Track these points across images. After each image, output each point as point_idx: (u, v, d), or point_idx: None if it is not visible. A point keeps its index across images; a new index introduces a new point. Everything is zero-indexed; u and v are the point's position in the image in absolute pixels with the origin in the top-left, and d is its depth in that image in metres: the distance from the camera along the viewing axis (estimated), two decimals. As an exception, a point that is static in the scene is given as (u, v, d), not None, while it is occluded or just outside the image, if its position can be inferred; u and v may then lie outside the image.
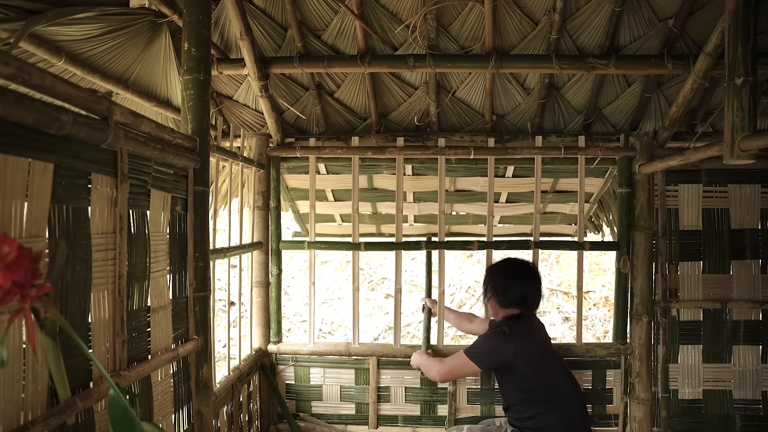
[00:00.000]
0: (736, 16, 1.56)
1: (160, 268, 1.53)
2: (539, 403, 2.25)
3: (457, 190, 3.45)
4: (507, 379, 2.34)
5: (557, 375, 2.31)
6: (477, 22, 2.49)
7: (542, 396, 2.25)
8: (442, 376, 2.47)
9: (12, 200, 0.94)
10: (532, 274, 2.44)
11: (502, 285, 2.40)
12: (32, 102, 0.92)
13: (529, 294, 2.38)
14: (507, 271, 2.44)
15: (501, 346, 2.29)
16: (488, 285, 2.48)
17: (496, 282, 2.43)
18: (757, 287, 2.77)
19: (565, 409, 2.25)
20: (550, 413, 2.23)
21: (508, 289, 2.38)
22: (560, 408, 2.24)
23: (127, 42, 2.14)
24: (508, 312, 2.40)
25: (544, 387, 2.26)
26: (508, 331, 2.29)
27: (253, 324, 2.89)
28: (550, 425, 2.22)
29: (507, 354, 2.27)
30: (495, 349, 2.31)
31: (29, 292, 0.79)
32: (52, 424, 1.01)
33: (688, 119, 2.90)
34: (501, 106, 2.92)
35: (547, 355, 2.35)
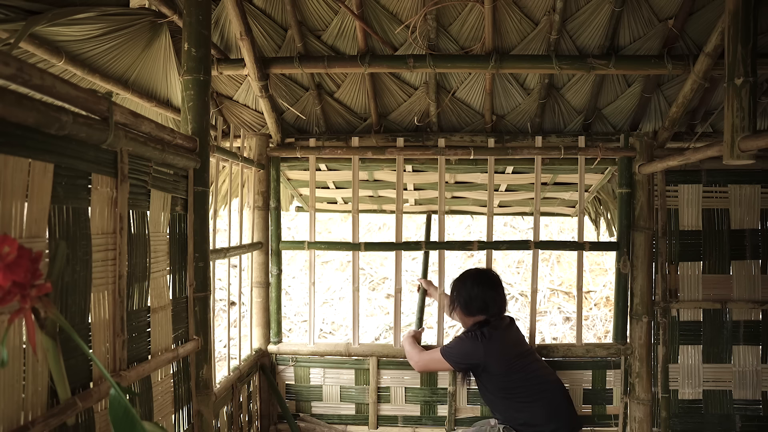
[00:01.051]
0: (736, 17, 1.56)
1: (160, 269, 1.54)
2: (520, 399, 2.32)
3: (457, 181, 3.49)
4: (484, 380, 2.41)
5: (533, 371, 2.37)
6: (477, 22, 2.49)
7: (522, 392, 2.32)
8: (419, 368, 2.61)
9: (12, 200, 0.94)
10: (492, 281, 2.52)
11: (464, 295, 2.49)
12: (32, 102, 0.92)
13: (490, 300, 2.46)
14: (467, 282, 2.52)
15: (472, 350, 2.37)
16: (452, 296, 2.57)
17: (458, 293, 2.52)
18: (757, 287, 2.78)
19: (548, 402, 2.31)
20: (534, 408, 2.29)
21: (470, 299, 2.47)
22: (542, 401, 2.31)
23: (127, 42, 2.14)
24: (475, 320, 2.48)
25: (522, 384, 2.33)
26: (479, 335, 2.37)
27: (253, 324, 2.89)
28: (536, 418, 2.28)
29: (478, 357, 2.35)
30: (466, 352, 2.40)
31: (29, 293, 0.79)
32: (52, 425, 1.01)
33: (688, 119, 2.90)
34: (501, 107, 2.92)
35: (520, 354, 2.41)
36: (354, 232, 2.93)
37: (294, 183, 3.59)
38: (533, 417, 2.29)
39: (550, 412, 2.30)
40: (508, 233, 7.48)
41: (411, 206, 3.94)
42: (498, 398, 2.38)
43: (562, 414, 2.32)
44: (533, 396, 2.32)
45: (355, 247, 2.91)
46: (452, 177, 3.42)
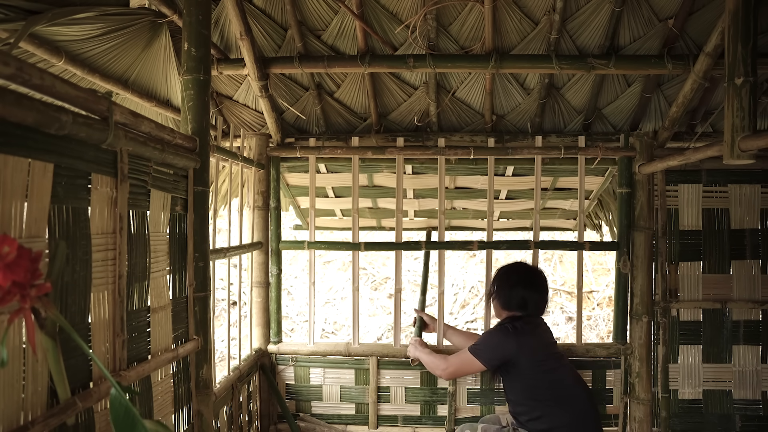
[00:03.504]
0: (736, 16, 1.56)
1: (160, 268, 1.54)
2: (546, 403, 2.22)
3: (457, 187, 3.46)
4: (512, 378, 2.32)
5: (563, 374, 2.29)
6: (477, 22, 2.49)
7: (548, 395, 2.23)
8: (449, 375, 2.45)
9: (12, 200, 0.94)
10: (538, 282, 2.45)
11: (507, 288, 2.43)
12: (32, 102, 0.92)
13: (531, 301, 2.39)
14: (514, 276, 2.46)
15: (504, 342, 2.28)
16: (494, 286, 2.51)
17: (501, 284, 2.47)
18: (757, 287, 2.77)
19: (573, 409, 2.22)
20: (559, 413, 2.20)
21: (512, 294, 2.41)
22: (569, 407, 2.21)
23: (127, 42, 2.14)
24: (510, 314, 2.41)
25: (550, 385, 2.24)
26: (511, 328, 2.29)
27: (253, 324, 2.89)
28: (559, 425, 2.19)
29: (510, 349, 2.26)
30: (498, 344, 2.30)
31: (29, 292, 0.79)
32: (52, 425, 1.01)
33: (688, 119, 2.90)
34: (501, 106, 2.92)
35: (551, 354, 2.33)
36: (354, 232, 2.93)
37: (293, 190, 3.54)
38: (557, 421, 2.19)
39: (576, 419, 2.20)
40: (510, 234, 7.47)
41: (411, 221, 3.86)
42: (524, 398, 2.28)
43: (588, 422, 2.23)
44: (560, 400, 2.22)
45: (355, 247, 2.91)
46: (452, 181, 3.38)
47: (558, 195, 3.48)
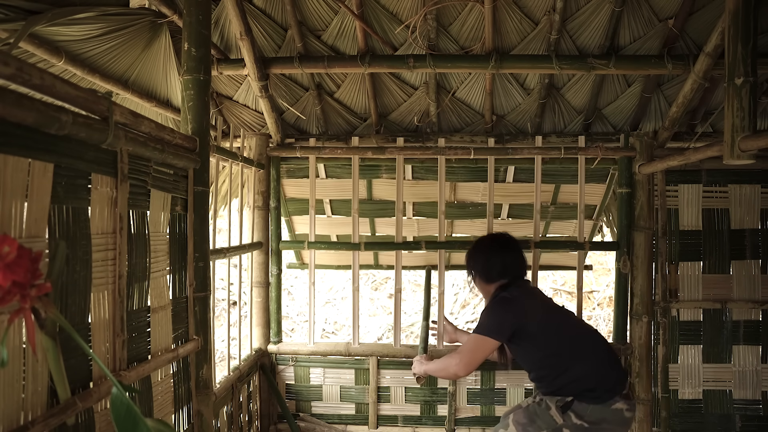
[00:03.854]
0: (736, 17, 1.56)
1: (160, 268, 1.54)
2: (564, 357, 2.14)
3: (457, 200, 3.32)
4: (524, 345, 2.21)
5: (571, 326, 2.25)
6: (477, 22, 2.49)
7: (562, 350, 2.16)
8: (466, 367, 2.16)
9: (12, 200, 0.94)
10: (510, 244, 2.41)
11: (482, 261, 2.37)
12: (32, 102, 0.92)
13: (510, 264, 2.34)
14: (484, 248, 2.41)
15: (508, 310, 2.20)
16: (471, 267, 2.44)
17: (476, 260, 2.40)
18: (757, 287, 2.77)
19: (592, 356, 2.15)
20: (579, 364, 2.12)
21: (490, 264, 2.34)
22: (586, 355, 2.14)
23: (127, 42, 2.14)
24: (496, 285, 2.34)
25: (561, 341, 2.17)
26: (508, 295, 2.23)
27: (253, 324, 2.89)
28: (583, 375, 2.10)
29: (516, 315, 2.18)
30: (503, 315, 2.20)
31: (29, 292, 0.79)
32: (52, 424, 1.01)
33: (688, 119, 2.90)
34: (501, 107, 2.92)
35: (553, 309, 2.29)
36: (354, 232, 2.93)
37: (292, 205, 3.37)
38: (580, 371, 2.10)
39: (596, 364, 2.13)
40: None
41: (409, 254, 3.49)
42: (542, 361, 2.18)
43: (608, 365, 2.16)
44: (577, 351, 2.15)
45: (355, 247, 2.91)
46: (452, 191, 3.22)
47: (561, 213, 3.32)
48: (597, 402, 2.05)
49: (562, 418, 2.07)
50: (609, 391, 2.07)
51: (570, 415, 2.07)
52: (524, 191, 3.20)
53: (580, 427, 2.05)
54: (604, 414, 2.05)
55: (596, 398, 2.06)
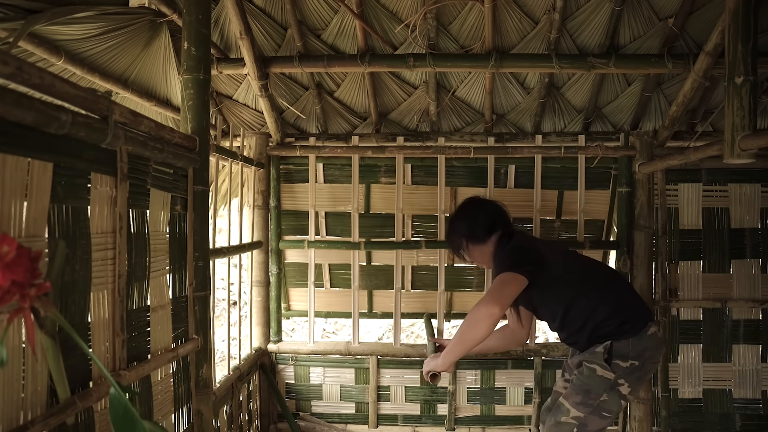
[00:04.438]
0: (737, 15, 1.56)
1: (160, 268, 1.53)
2: (588, 297, 2.02)
3: None
4: (547, 290, 2.05)
5: (585, 263, 2.18)
6: (477, 21, 2.49)
7: (586, 288, 2.04)
8: (499, 301, 1.86)
9: (11, 200, 0.93)
10: (481, 201, 2.35)
11: (466, 228, 2.24)
12: (31, 101, 0.92)
13: (495, 215, 2.25)
14: (461, 216, 2.31)
15: (526, 250, 2.08)
16: (457, 243, 2.29)
17: (459, 232, 2.27)
18: (757, 286, 2.77)
19: (613, 291, 2.05)
20: (603, 301, 2.00)
21: (477, 225, 2.21)
22: (608, 291, 2.04)
23: (127, 41, 2.14)
24: (493, 241, 2.20)
25: (582, 279, 2.06)
26: (517, 242, 2.12)
27: (253, 323, 2.89)
28: (611, 313, 1.97)
29: (534, 256, 2.05)
30: (522, 254, 2.05)
31: (29, 292, 0.79)
32: (52, 424, 1.00)
33: (688, 118, 2.90)
34: (501, 106, 2.92)
35: (562, 249, 2.22)
36: (353, 232, 2.93)
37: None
38: (609, 309, 1.98)
39: (621, 295, 2.03)
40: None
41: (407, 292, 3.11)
42: (571, 308, 2.01)
43: (632, 293, 2.08)
44: (599, 287, 2.05)
45: (355, 246, 2.91)
46: (452, 198, 3.00)
47: (566, 227, 3.02)
48: (633, 333, 1.94)
49: (612, 370, 1.92)
50: (641, 318, 1.97)
51: (617, 363, 1.92)
52: (527, 200, 2.93)
53: (631, 369, 1.92)
54: (644, 343, 1.94)
55: (631, 330, 1.94)
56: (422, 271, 3.09)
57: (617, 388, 1.93)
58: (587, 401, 1.94)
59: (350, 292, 2.99)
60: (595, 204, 2.98)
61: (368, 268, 3.09)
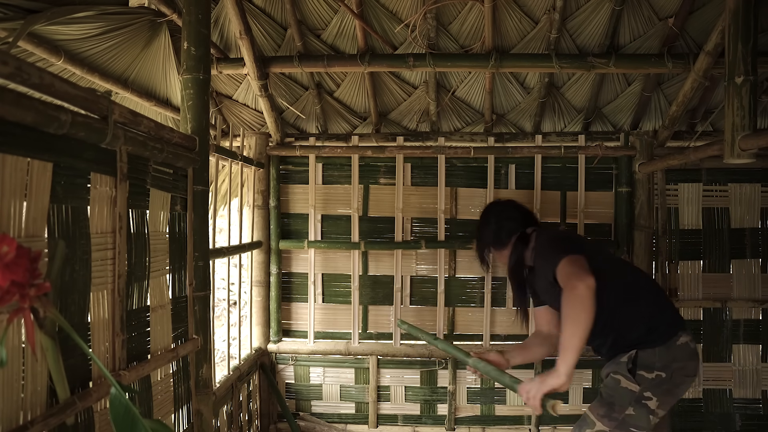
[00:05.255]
0: (737, 15, 1.56)
1: (160, 268, 1.53)
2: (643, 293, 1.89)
3: (458, 210, 2.96)
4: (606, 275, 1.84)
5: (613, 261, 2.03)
6: (477, 21, 2.49)
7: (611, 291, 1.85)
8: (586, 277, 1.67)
9: (11, 200, 0.93)
10: (501, 202, 2.27)
11: (495, 222, 2.15)
12: (31, 101, 0.92)
13: (517, 206, 2.19)
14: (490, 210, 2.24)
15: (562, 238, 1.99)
16: (484, 246, 2.21)
17: (488, 225, 2.17)
18: (757, 286, 2.77)
19: (640, 293, 1.89)
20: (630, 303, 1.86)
21: (502, 227, 2.12)
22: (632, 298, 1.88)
23: (127, 41, 2.14)
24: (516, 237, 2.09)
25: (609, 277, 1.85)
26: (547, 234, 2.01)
27: (253, 323, 2.89)
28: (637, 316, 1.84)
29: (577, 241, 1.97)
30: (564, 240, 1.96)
31: (28, 292, 0.79)
32: (52, 424, 1.00)
33: (688, 118, 2.90)
34: (501, 106, 2.92)
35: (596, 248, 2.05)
36: (353, 232, 2.93)
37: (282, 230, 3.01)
38: (636, 313, 1.84)
39: (649, 299, 1.88)
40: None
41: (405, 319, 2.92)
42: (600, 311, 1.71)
43: (661, 298, 1.93)
44: (629, 289, 1.89)
45: (355, 246, 2.91)
46: (452, 201, 2.94)
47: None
48: (660, 342, 1.79)
49: (636, 382, 1.79)
50: (670, 326, 1.83)
51: (642, 375, 1.79)
52: (528, 201, 2.84)
53: (657, 381, 1.77)
54: (673, 353, 1.79)
55: (658, 338, 1.80)
56: (421, 283, 3.00)
57: (643, 401, 1.78)
58: (611, 414, 1.81)
59: (344, 308, 2.97)
60: (599, 206, 2.92)
61: (365, 279, 2.99)
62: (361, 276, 2.98)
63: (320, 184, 2.99)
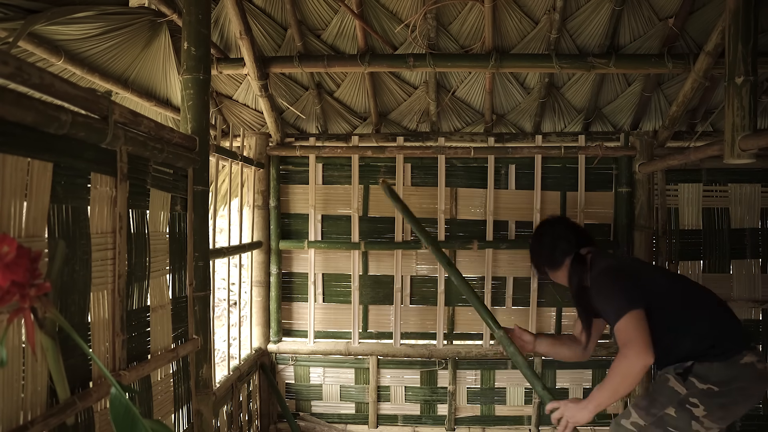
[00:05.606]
0: (737, 15, 1.56)
1: (160, 268, 1.53)
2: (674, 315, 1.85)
3: (458, 210, 2.96)
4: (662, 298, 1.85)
5: (673, 280, 1.99)
6: (477, 21, 2.49)
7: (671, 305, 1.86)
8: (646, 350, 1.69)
9: (11, 200, 0.93)
10: (555, 220, 2.28)
11: (547, 251, 2.15)
12: (31, 101, 0.92)
13: (570, 224, 2.18)
14: (543, 228, 2.25)
15: (619, 274, 1.90)
16: (541, 254, 2.21)
17: (542, 254, 2.19)
18: (757, 286, 2.77)
19: (703, 311, 1.86)
20: (690, 321, 1.83)
21: (553, 248, 2.13)
22: (697, 310, 1.86)
23: (127, 41, 2.14)
24: (571, 258, 2.09)
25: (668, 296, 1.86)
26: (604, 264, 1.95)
27: (253, 323, 2.89)
28: (697, 334, 1.81)
29: (629, 276, 1.89)
30: (620, 281, 1.86)
31: (28, 292, 0.79)
32: (52, 424, 1.00)
33: (689, 118, 2.90)
34: (501, 106, 2.92)
35: (647, 264, 2.07)
36: (353, 232, 2.93)
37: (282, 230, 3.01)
38: (695, 330, 1.81)
39: (712, 317, 1.85)
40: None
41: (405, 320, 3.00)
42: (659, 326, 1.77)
43: (727, 316, 1.87)
44: (687, 306, 1.87)
45: (355, 246, 2.91)
46: (453, 203, 2.94)
47: None
48: (721, 359, 1.74)
49: (684, 386, 1.75)
50: (734, 344, 1.77)
51: (692, 381, 1.74)
52: (528, 201, 2.91)
53: (708, 393, 1.72)
54: (733, 371, 1.73)
55: (719, 354, 1.75)
56: (421, 283, 3.00)
57: (688, 406, 1.73)
58: (651, 409, 1.79)
59: (345, 307, 2.98)
60: (599, 206, 2.92)
61: (365, 278, 2.99)
62: (361, 276, 2.98)
63: (320, 184, 2.99)
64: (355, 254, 2.94)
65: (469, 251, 2.91)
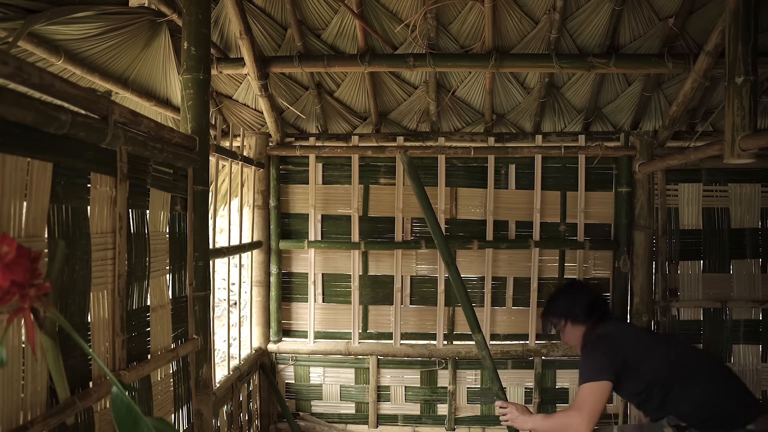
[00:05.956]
0: (737, 15, 1.56)
1: (160, 268, 1.53)
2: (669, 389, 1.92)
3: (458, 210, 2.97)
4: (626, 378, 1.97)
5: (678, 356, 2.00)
6: (477, 21, 2.49)
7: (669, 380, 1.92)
8: (590, 423, 1.85)
9: (11, 200, 0.93)
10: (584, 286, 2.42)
11: (567, 302, 2.23)
12: (31, 101, 0.92)
13: (593, 296, 2.23)
14: (565, 289, 2.33)
15: (608, 345, 2.00)
16: (555, 320, 2.26)
17: (561, 303, 2.26)
18: (757, 286, 2.77)
19: (703, 386, 1.89)
20: (687, 394, 1.89)
21: (575, 302, 2.20)
22: (696, 385, 1.89)
23: (127, 41, 2.14)
24: (586, 326, 2.17)
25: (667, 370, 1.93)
26: (603, 331, 2.08)
27: (253, 323, 2.89)
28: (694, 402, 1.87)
29: (617, 349, 1.98)
30: (604, 352, 1.98)
31: (28, 292, 0.79)
32: (52, 424, 1.00)
33: (689, 118, 2.90)
34: (501, 106, 2.92)
35: (653, 339, 2.11)
36: (353, 232, 2.93)
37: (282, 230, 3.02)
38: (692, 399, 1.87)
39: (710, 393, 1.88)
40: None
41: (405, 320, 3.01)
42: (649, 396, 1.94)
43: (729, 395, 1.89)
44: (686, 381, 1.91)
45: (355, 246, 2.91)
46: (452, 201, 2.94)
47: (572, 230, 2.94)
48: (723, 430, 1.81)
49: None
50: (731, 421, 1.82)
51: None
52: (528, 201, 2.91)
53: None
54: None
55: (714, 428, 1.82)
56: (421, 283, 3.00)
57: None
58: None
59: (345, 307, 2.98)
60: (599, 206, 2.92)
61: (365, 278, 2.99)
62: (361, 276, 2.98)
63: (320, 184, 2.99)
64: (355, 254, 2.94)
65: (469, 251, 2.91)
